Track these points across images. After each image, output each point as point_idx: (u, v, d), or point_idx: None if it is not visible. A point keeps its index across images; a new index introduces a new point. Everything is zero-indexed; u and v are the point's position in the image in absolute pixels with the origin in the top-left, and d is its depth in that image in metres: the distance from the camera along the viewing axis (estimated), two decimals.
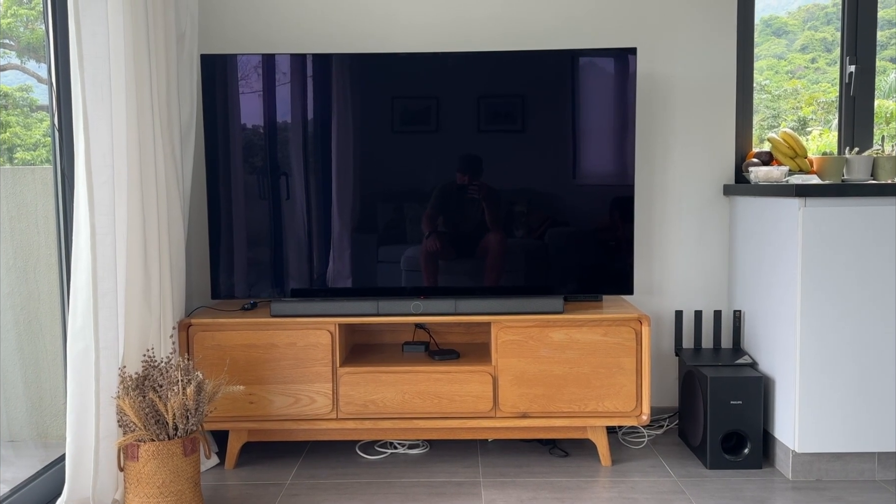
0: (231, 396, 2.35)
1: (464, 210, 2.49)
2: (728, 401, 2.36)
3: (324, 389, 2.39)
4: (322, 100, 2.46)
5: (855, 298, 2.22)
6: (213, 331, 2.39)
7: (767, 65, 3.08)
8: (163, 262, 2.24)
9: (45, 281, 2.31)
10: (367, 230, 2.50)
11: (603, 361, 2.37)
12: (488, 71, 2.46)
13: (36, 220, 2.30)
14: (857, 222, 2.20)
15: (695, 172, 2.79)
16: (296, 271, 2.49)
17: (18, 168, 2.33)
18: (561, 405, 2.38)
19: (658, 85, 2.76)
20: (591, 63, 2.47)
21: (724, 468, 2.39)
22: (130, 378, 2.00)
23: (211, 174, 2.46)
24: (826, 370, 2.24)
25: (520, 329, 2.38)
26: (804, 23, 3.12)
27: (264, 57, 2.45)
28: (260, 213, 2.48)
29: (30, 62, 2.40)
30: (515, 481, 2.32)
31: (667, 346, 2.84)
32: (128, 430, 1.99)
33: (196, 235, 2.73)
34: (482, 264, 2.50)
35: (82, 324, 1.99)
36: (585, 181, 2.50)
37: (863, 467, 2.29)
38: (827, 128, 2.99)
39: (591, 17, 2.74)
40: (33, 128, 2.39)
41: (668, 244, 2.81)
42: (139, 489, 1.96)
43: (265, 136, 2.47)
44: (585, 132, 2.47)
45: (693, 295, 2.82)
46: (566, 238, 2.50)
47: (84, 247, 1.99)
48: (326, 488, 2.29)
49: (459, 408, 2.39)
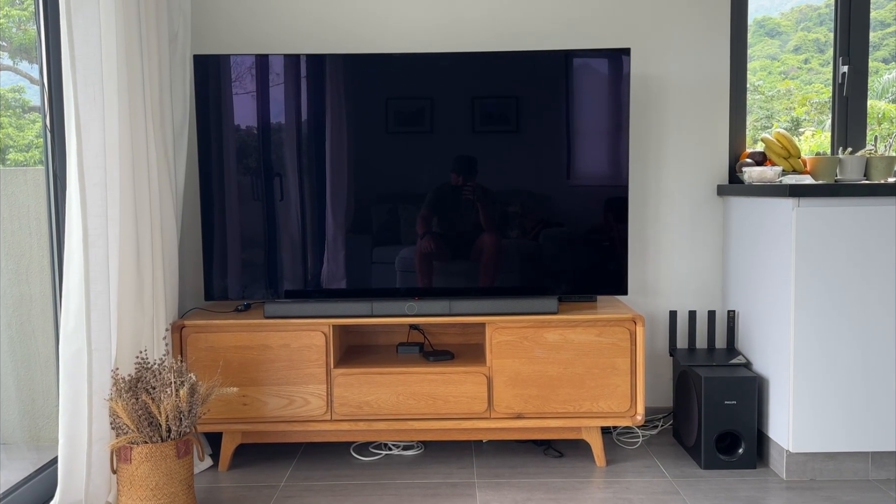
0: (224, 398, 2.34)
1: (458, 211, 2.49)
2: (722, 401, 2.37)
3: (318, 391, 2.38)
4: (316, 100, 2.46)
5: (849, 298, 2.23)
6: (206, 332, 2.38)
7: (760, 65, 3.09)
8: (156, 264, 2.23)
9: (37, 282, 2.30)
10: (362, 231, 2.49)
11: (597, 362, 2.37)
12: (482, 71, 2.46)
13: (28, 221, 2.29)
14: (850, 222, 2.21)
15: (688, 173, 2.79)
16: (290, 272, 2.49)
17: (10, 169, 2.32)
18: (555, 406, 2.38)
19: (652, 85, 2.76)
20: (584, 64, 2.48)
21: (718, 468, 2.39)
22: (123, 380, 2.00)
23: (204, 175, 2.45)
24: (820, 370, 2.24)
25: (514, 330, 2.38)
26: (797, 24, 3.13)
27: (257, 58, 2.44)
28: (253, 213, 2.47)
29: (22, 63, 2.39)
30: (510, 482, 2.32)
31: (661, 347, 2.84)
32: (121, 433, 1.98)
33: (189, 237, 2.73)
34: (477, 265, 2.50)
35: (75, 326, 1.98)
36: (579, 182, 2.50)
37: (857, 467, 2.29)
38: (820, 128, 3.00)
39: (585, 18, 2.74)
40: (26, 129, 2.38)
41: (662, 244, 2.82)
42: (132, 492, 1.95)
43: (258, 136, 2.46)
44: (579, 133, 2.47)
45: (687, 295, 2.82)
46: (560, 238, 2.50)
47: (76, 248, 1.98)
48: (321, 490, 2.29)
49: (454, 409, 2.38)
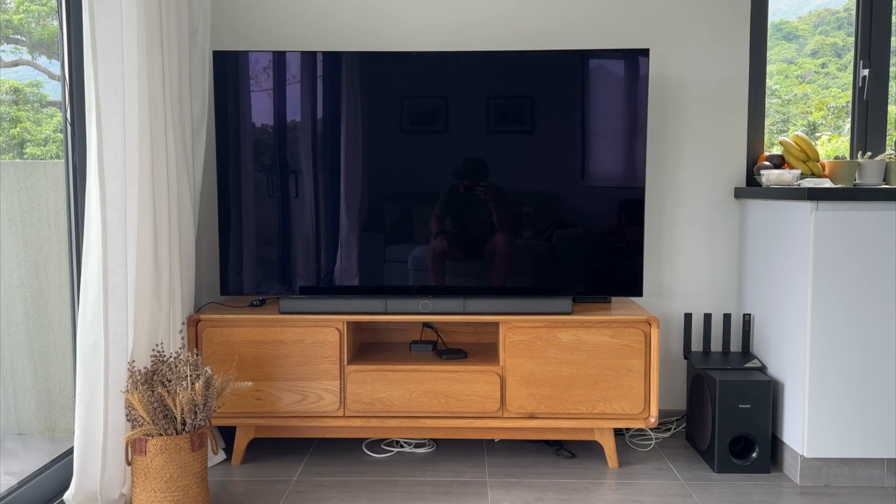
0: (239, 392, 2.35)
1: (472, 210, 2.49)
2: (736, 404, 2.35)
3: (331, 387, 2.39)
4: (331, 98, 2.46)
5: (866, 303, 2.21)
6: (221, 327, 2.39)
7: (777, 69, 3.07)
8: (173, 258, 2.24)
9: (55, 275, 2.32)
10: (375, 229, 2.50)
11: (611, 363, 2.36)
12: (498, 71, 2.46)
13: (47, 214, 2.31)
14: (868, 226, 2.19)
15: (705, 175, 2.78)
16: (304, 269, 2.49)
17: (30, 162, 2.34)
18: (568, 406, 2.38)
19: (669, 87, 2.75)
20: (602, 64, 2.47)
21: (731, 472, 2.38)
22: (139, 372, 2.01)
23: (221, 170, 2.47)
24: (836, 375, 2.23)
25: (528, 329, 2.37)
26: (815, 27, 3.11)
27: (275, 54, 2.45)
28: (269, 210, 2.48)
29: (41, 58, 2.41)
30: (522, 482, 2.32)
31: (675, 349, 2.83)
32: (136, 425, 1.99)
33: (205, 231, 2.74)
34: (490, 264, 2.50)
35: (92, 318, 1.99)
36: (595, 182, 2.49)
37: (871, 473, 2.28)
38: (837, 133, 2.98)
39: (603, 18, 2.74)
40: (43, 123, 2.40)
41: (677, 246, 2.80)
42: (146, 483, 1.96)
43: (275, 133, 2.47)
44: (595, 133, 2.47)
45: (702, 298, 2.81)
46: (575, 239, 2.49)
47: (95, 241, 1.99)
48: (332, 486, 2.29)
49: (466, 407, 2.38)
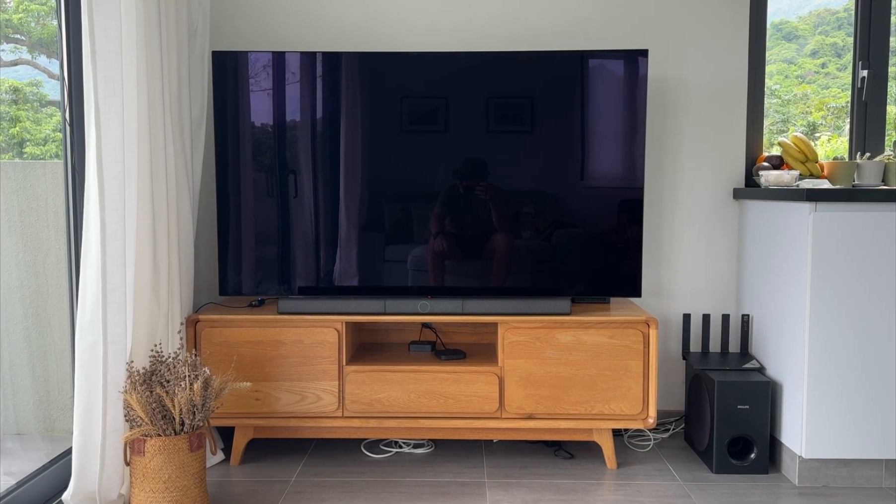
0: (237, 393, 2.35)
1: (471, 210, 2.49)
2: (735, 405, 2.35)
3: (330, 387, 2.39)
4: (331, 98, 2.46)
5: (864, 304, 2.21)
6: (220, 327, 2.39)
7: (777, 69, 3.07)
8: (172, 258, 2.24)
9: (53, 275, 2.32)
10: (375, 229, 2.50)
11: (610, 364, 2.37)
12: (497, 71, 2.46)
13: (46, 214, 2.31)
14: (867, 227, 2.19)
15: (704, 175, 2.78)
16: (303, 269, 2.49)
17: (29, 162, 2.34)
18: (567, 407, 2.38)
19: (668, 87, 2.75)
20: (601, 64, 2.47)
21: (730, 473, 2.38)
22: (138, 373, 2.01)
23: (220, 170, 2.47)
24: (834, 376, 2.23)
25: (526, 330, 2.37)
26: (815, 27, 3.11)
27: (275, 55, 2.45)
28: (268, 210, 2.48)
29: (40, 57, 2.41)
30: (520, 482, 2.32)
31: (674, 350, 2.83)
32: (134, 425, 1.99)
33: (204, 231, 2.74)
34: (489, 265, 2.50)
35: (91, 318, 1.99)
36: (594, 183, 2.49)
37: (870, 474, 2.28)
38: (836, 133, 2.98)
39: (602, 19, 2.74)
40: (43, 123, 2.40)
41: (676, 247, 2.81)
42: (145, 484, 1.96)
43: (274, 133, 2.47)
44: (595, 134, 2.47)
45: (701, 298, 2.81)
46: (574, 239, 2.49)
47: (94, 241, 1.99)
48: (331, 486, 2.29)
49: (465, 408, 2.38)
